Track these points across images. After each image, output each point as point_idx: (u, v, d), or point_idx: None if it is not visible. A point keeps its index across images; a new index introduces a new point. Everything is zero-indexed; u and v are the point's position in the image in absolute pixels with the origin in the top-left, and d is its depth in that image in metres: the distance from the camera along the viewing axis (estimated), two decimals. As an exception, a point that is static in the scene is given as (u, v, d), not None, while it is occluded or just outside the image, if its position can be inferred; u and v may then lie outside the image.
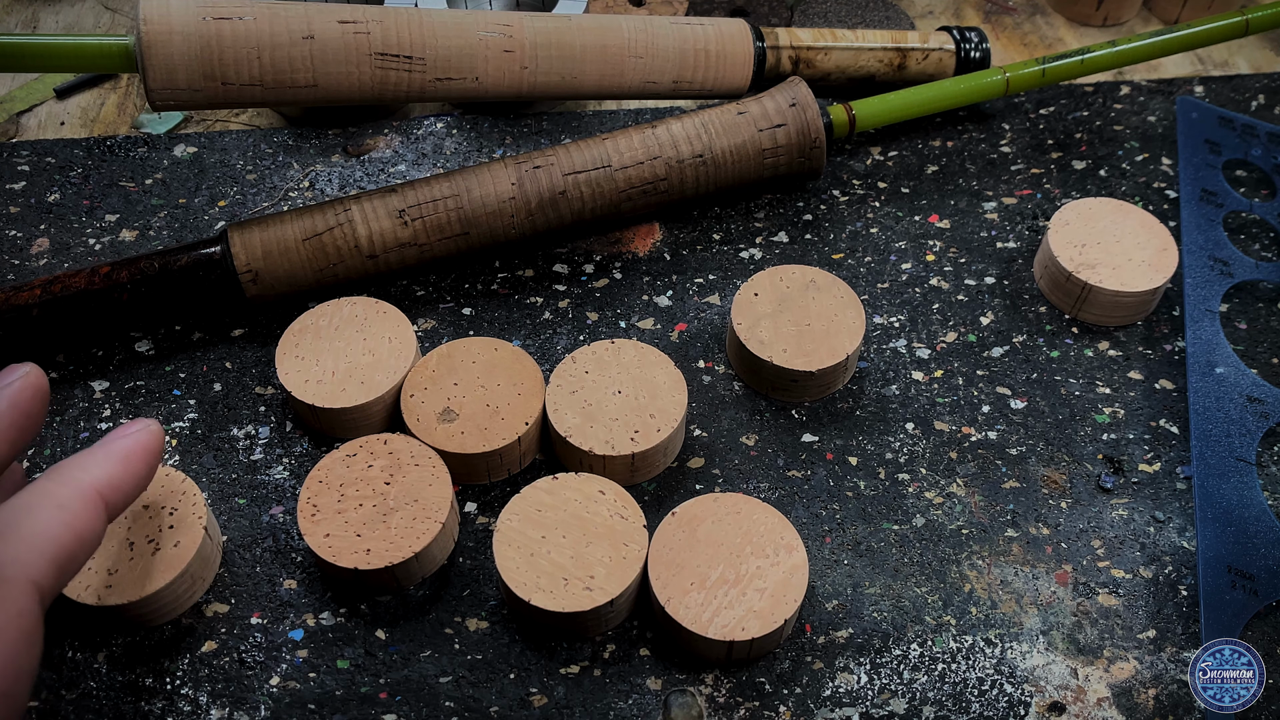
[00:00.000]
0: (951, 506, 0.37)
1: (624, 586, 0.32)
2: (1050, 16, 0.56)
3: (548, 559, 0.33)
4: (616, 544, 0.33)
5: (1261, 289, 0.43)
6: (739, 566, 0.32)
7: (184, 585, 0.33)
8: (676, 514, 0.34)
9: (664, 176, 0.42)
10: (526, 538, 0.33)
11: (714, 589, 0.32)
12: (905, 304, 0.42)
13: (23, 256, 0.44)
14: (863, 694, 0.32)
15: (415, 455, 0.35)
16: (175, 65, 0.36)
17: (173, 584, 0.32)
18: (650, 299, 0.42)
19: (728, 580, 0.32)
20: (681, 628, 0.31)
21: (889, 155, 0.48)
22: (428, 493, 0.34)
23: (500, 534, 0.33)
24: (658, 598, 0.32)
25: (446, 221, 0.40)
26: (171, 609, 0.33)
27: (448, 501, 0.34)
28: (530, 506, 0.34)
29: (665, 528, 0.33)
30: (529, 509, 0.34)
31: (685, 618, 0.31)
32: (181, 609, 0.33)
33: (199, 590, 0.34)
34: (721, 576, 0.32)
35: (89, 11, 0.56)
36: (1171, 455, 0.38)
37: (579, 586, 0.32)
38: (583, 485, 0.34)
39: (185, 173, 0.47)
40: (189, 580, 0.33)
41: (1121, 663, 0.33)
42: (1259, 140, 0.48)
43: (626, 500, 0.34)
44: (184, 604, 0.33)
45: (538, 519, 0.33)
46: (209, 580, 0.34)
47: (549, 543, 0.33)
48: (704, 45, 0.44)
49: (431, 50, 0.39)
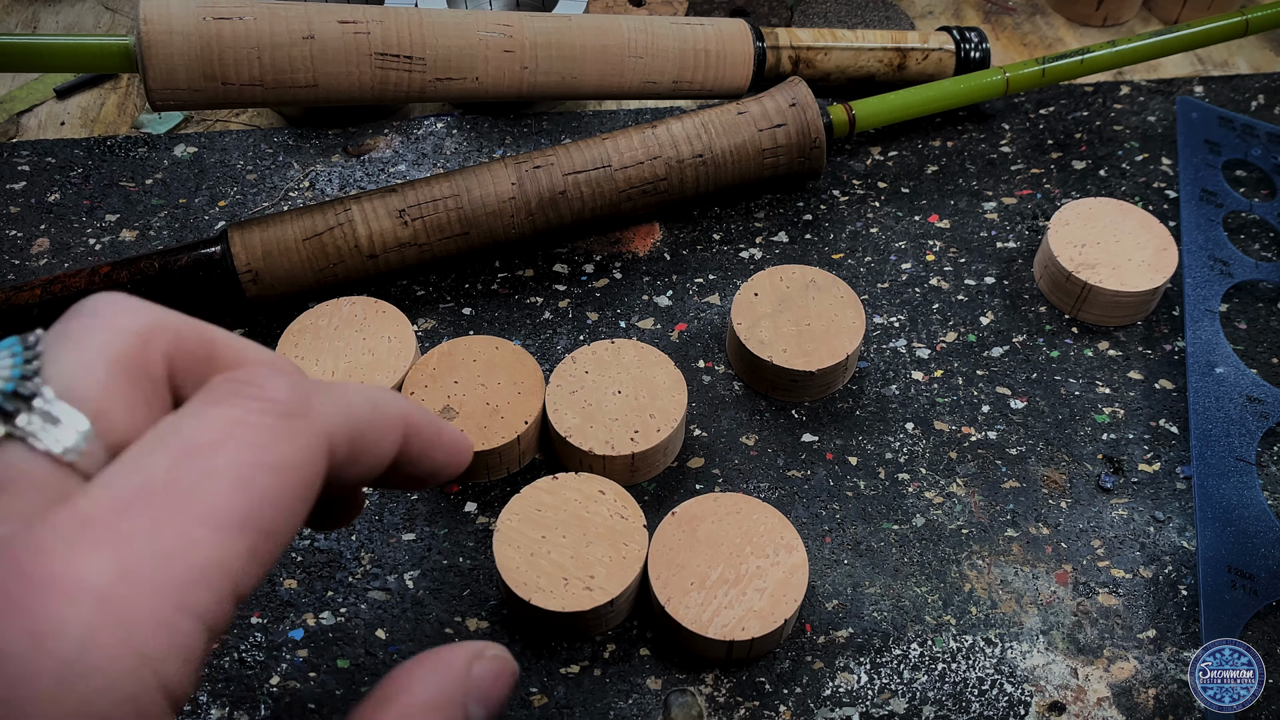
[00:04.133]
0: (951, 506, 0.37)
1: (624, 586, 0.32)
2: (1050, 16, 0.56)
3: (548, 559, 0.33)
4: (616, 544, 0.33)
5: (1261, 289, 0.43)
6: (739, 566, 0.32)
7: None
8: (676, 514, 0.34)
9: (664, 176, 0.42)
10: (526, 538, 0.33)
11: (714, 589, 0.32)
12: (905, 304, 0.42)
13: (23, 256, 0.44)
14: (863, 694, 0.32)
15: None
16: (175, 65, 0.36)
17: None
18: (650, 299, 0.42)
19: (728, 580, 0.32)
20: (681, 627, 0.31)
21: (889, 155, 0.48)
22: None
23: (500, 534, 0.33)
24: (658, 597, 0.32)
25: (446, 221, 0.40)
26: None
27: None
28: (530, 506, 0.34)
29: (665, 528, 0.33)
30: (529, 509, 0.34)
31: (685, 617, 0.31)
32: None
33: None
34: (721, 576, 0.32)
35: (89, 11, 0.56)
36: (1171, 455, 0.38)
37: (579, 586, 0.32)
38: (583, 485, 0.34)
39: (185, 173, 0.47)
40: None
41: (1121, 662, 0.33)
42: (1259, 140, 0.48)
43: (626, 500, 0.34)
44: None
45: (538, 519, 0.34)
46: None
47: (549, 543, 0.33)
48: (704, 45, 0.44)
49: (431, 50, 0.39)
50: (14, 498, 0.17)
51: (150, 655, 0.16)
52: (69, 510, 0.16)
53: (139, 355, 0.19)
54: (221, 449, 0.17)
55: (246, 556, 0.17)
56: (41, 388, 0.18)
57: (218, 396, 0.18)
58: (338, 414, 0.20)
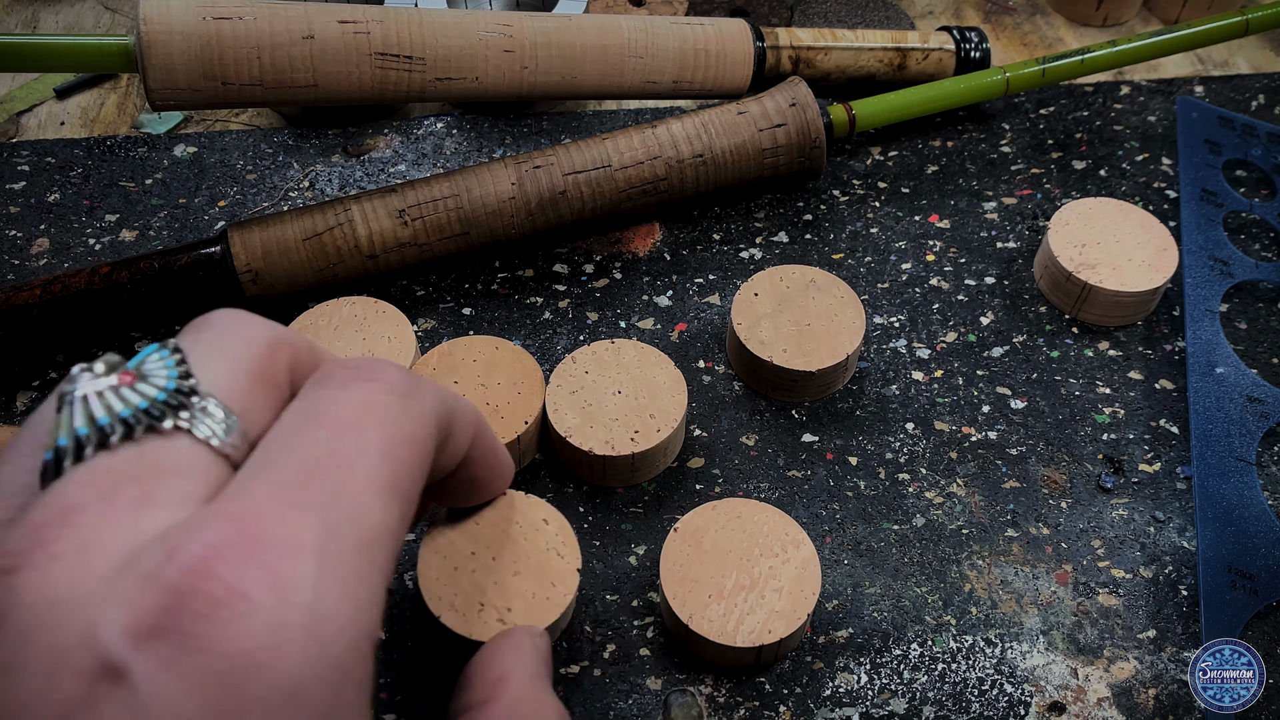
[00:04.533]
0: (951, 506, 0.37)
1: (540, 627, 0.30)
2: (1050, 16, 0.56)
3: (470, 577, 0.30)
4: (544, 581, 0.31)
5: (1261, 289, 0.43)
6: (752, 570, 0.32)
7: None
8: (679, 529, 0.33)
9: (664, 176, 0.42)
10: (456, 548, 0.31)
11: (733, 597, 0.32)
12: (905, 304, 0.42)
13: (23, 256, 0.44)
14: (863, 694, 0.32)
15: None
16: (175, 65, 0.36)
17: None
18: (650, 299, 0.42)
19: (744, 586, 0.32)
20: (709, 642, 0.31)
21: (889, 155, 0.48)
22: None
23: (430, 539, 0.31)
24: (679, 615, 0.31)
25: (446, 221, 0.40)
26: None
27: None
28: (468, 515, 0.32)
29: (671, 545, 0.33)
30: (466, 518, 0.32)
31: (711, 631, 0.31)
32: None
33: None
34: (737, 583, 0.32)
35: (89, 11, 0.56)
36: (1171, 455, 0.38)
37: (493, 616, 0.30)
38: (528, 509, 0.32)
39: (185, 173, 0.47)
40: None
41: (1122, 663, 0.33)
42: (1259, 140, 0.48)
43: (568, 537, 0.32)
44: None
45: (473, 531, 0.31)
46: None
47: (477, 560, 0.31)
48: (704, 45, 0.44)
49: (431, 50, 0.39)
50: (184, 480, 0.19)
51: (360, 604, 0.18)
52: (264, 480, 0.19)
53: (268, 363, 0.21)
54: (365, 425, 0.20)
55: (400, 520, 0.20)
56: (199, 388, 0.20)
57: (343, 380, 0.21)
58: (437, 396, 0.23)
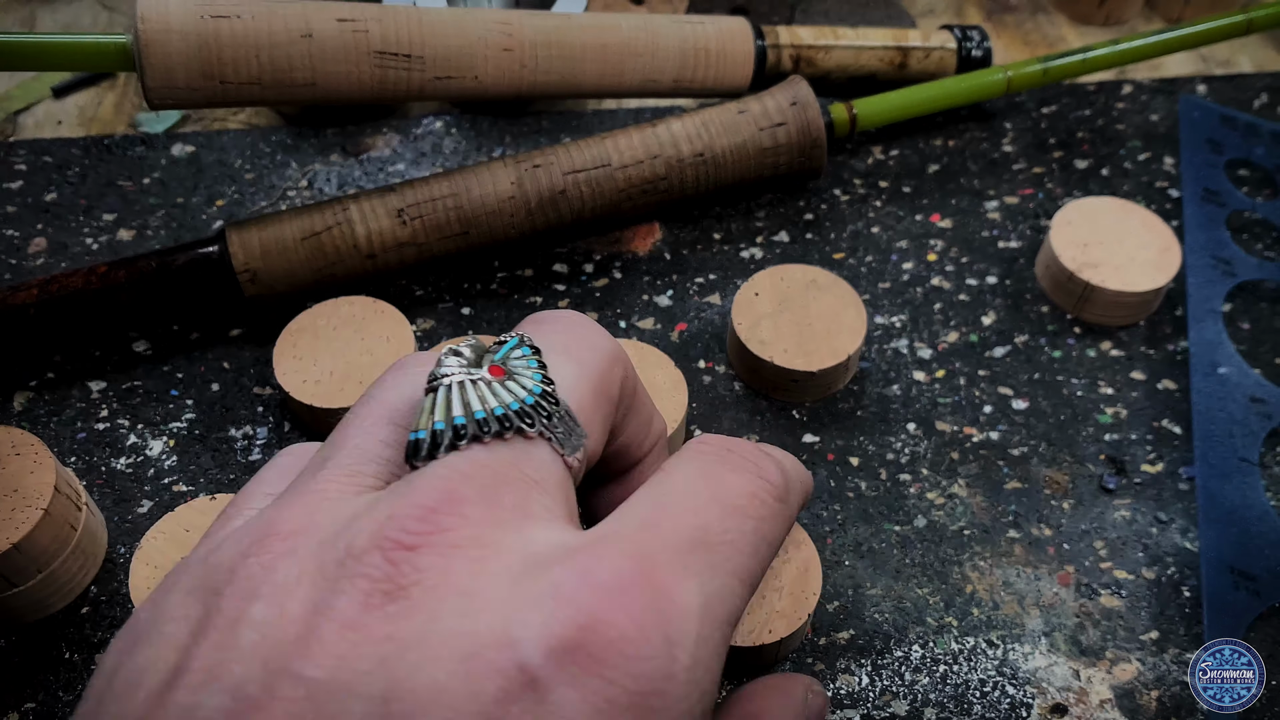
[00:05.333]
0: (953, 507, 0.36)
1: None
2: (1052, 15, 0.56)
3: None
4: None
5: (1265, 289, 0.43)
6: None
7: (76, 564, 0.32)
8: None
9: (664, 176, 0.42)
10: (170, 561, 0.30)
11: None
12: (907, 304, 0.42)
13: (20, 256, 0.44)
14: (864, 695, 0.32)
15: (16, 445, 0.32)
16: (173, 64, 0.36)
17: (65, 562, 0.31)
18: (650, 299, 0.42)
19: None
20: None
21: (890, 154, 0.48)
22: (29, 481, 0.31)
23: (142, 551, 0.30)
24: None
25: (446, 221, 0.40)
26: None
27: (49, 488, 0.31)
28: (179, 526, 0.31)
29: None
30: (177, 529, 0.31)
31: None
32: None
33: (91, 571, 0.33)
34: None
35: (86, 10, 0.55)
36: (1174, 456, 0.38)
37: None
38: None
39: (183, 172, 0.47)
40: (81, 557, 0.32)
41: (1124, 664, 0.33)
42: (1262, 139, 0.47)
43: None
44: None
45: (185, 540, 0.31)
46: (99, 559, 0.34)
47: None
48: (704, 44, 0.44)
49: (431, 49, 0.39)
50: (549, 495, 0.19)
51: (715, 678, 0.19)
52: (662, 532, 0.19)
53: (609, 379, 0.22)
54: (748, 517, 0.21)
55: (744, 609, 0.20)
56: (562, 398, 0.20)
57: (735, 465, 0.22)
58: (800, 499, 0.24)
